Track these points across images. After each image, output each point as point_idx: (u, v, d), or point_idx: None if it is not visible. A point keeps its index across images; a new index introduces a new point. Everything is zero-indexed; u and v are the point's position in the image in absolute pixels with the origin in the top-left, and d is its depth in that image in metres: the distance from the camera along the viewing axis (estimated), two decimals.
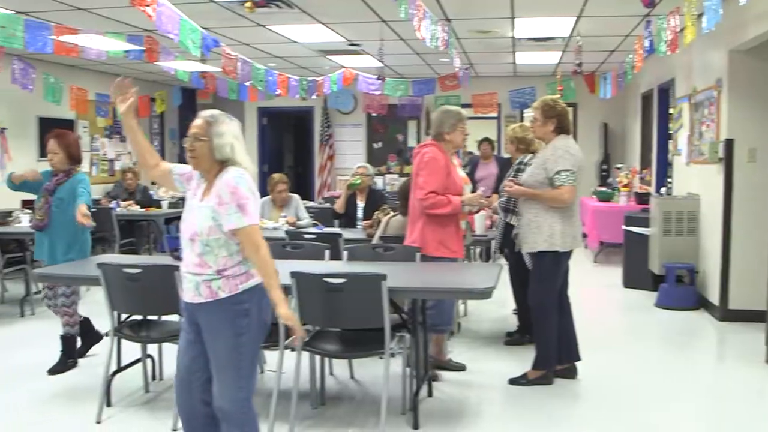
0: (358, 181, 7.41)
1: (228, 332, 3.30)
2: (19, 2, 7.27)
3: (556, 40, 9.74)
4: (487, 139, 10.72)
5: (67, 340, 5.62)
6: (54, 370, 5.48)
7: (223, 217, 3.25)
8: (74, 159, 5.66)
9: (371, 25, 8.58)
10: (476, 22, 8.61)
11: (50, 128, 11.45)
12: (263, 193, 8.76)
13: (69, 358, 5.60)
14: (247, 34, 9.30)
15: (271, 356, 5.30)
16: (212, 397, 3.39)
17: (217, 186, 3.30)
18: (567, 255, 5.20)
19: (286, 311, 3.33)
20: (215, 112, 3.42)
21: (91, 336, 5.88)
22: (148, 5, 5.64)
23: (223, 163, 3.35)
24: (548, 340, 5.19)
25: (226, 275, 3.30)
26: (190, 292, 3.36)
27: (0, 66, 8.23)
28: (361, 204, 7.58)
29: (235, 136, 3.38)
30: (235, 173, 3.31)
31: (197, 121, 3.38)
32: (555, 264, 5.16)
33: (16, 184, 5.67)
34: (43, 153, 11.53)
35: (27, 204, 8.27)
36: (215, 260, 3.29)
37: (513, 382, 5.23)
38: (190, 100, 14.65)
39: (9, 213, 8.51)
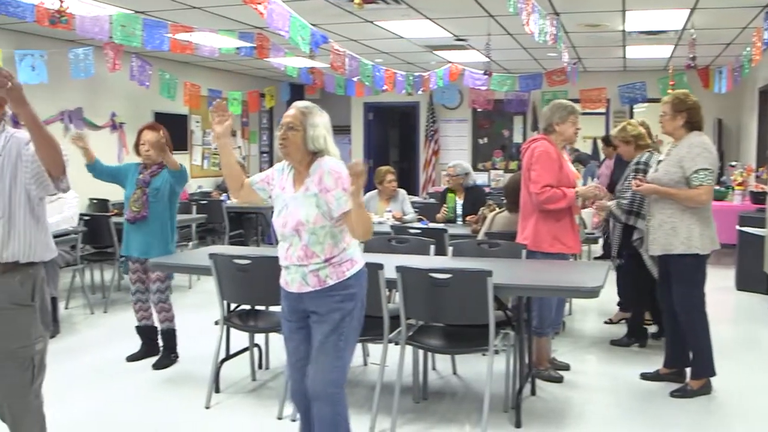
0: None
1: (334, 315, 3.35)
2: (137, 2, 7.54)
3: (668, 33, 9.45)
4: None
5: (166, 334, 5.65)
6: (159, 365, 5.55)
7: (332, 203, 3.29)
8: (169, 150, 5.60)
9: (478, 20, 8.53)
10: (586, 16, 8.44)
11: (166, 123, 11.98)
12: (370, 187, 8.85)
13: (171, 352, 5.66)
14: (354, 30, 9.38)
15: (374, 349, 5.35)
16: None
17: (317, 175, 3.33)
18: (706, 257, 4.92)
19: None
20: (309, 103, 3.45)
21: (153, 346, 5.77)
22: (259, 3, 5.77)
23: (314, 154, 3.38)
24: (705, 347, 4.95)
25: (333, 262, 3.35)
26: (296, 282, 3.40)
27: (119, 64, 8.56)
28: (459, 202, 7.56)
29: (327, 129, 3.42)
30: (335, 160, 3.36)
31: (291, 111, 3.40)
32: (696, 267, 4.89)
33: (92, 164, 5.55)
34: None
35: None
36: (322, 249, 3.33)
37: (675, 394, 4.94)
38: (298, 95, 14.89)
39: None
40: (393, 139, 17.35)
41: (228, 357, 5.13)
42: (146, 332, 5.76)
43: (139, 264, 5.60)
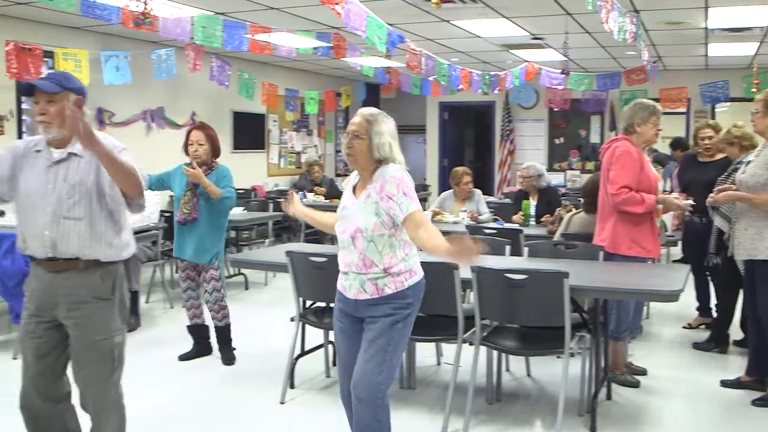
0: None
1: (387, 320, 3.35)
2: (218, 3, 7.68)
3: (753, 30, 9.17)
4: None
5: (224, 330, 5.65)
6: (227, 360, 5.61)
7: (394, 210, 3.26)
8: (216, 152, 5.61)
9: (556, 18, 8.43)
10: (666, 13, 8.26)
11: (244, 122, 12.29)
12: (445, 187, 8.82)
13: (229, 347, 5.69)
14: (431, 30, 9.38)
15: (447, 349, 5.34)
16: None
17: (378, 182, 3.32)
18: None
19: (450, 247, 3.11)
20: (374, 110, 3.44)
21: (205, 346, 5.80)
22: (337, 3, 5.81)
23: (380, 162, 3.37)
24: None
25: (392, 272, 3.34)
26: (353, 289, 3.40)
27: (200, 64, 8.73)
28: (533, 203, 7.48)
29: (393, 136, 3.40)
30: (398, 167, 3.35)
31: (357, 119, 3.39)
32: None
33: None
34: (237, 146, 12.22)
35: None
36: (380, 258, 3.32)
37: (756, 402, 4.78)
38: (373, 95, 14.98)
39: None
40: (468, 138, 17.27)
41: (303, 353, 5.20)
42: (198, 331, 5.77)
43: (188, 263, 5.59)
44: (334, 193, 10.78)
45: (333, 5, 5.80)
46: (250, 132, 12.59)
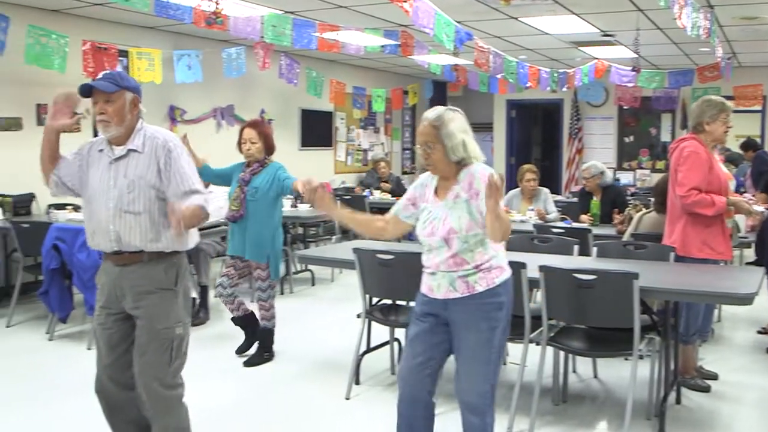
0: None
1: (483, 325, 3.28)
2: (287, 2, 7.76)
3: None
4: None
5: (264, 333, 5.61)
6: (250, 362, 5.53)
7: (483, 207, 3.17)
8: (270, 149, 5.51)
9: (627, 14, 8.29)
10: (742, 8, 8.05)
11: (312, 119, 12.40)
12: (511, 185, 8.78)
13: (265, 351, 5.61)
14: (499, 27, 9.32)
15: (513, 348, 5.31)
16: (435, 389, 3.42)
17: (466, 181, 3.27)
18: None
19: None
20: (439, 111, 3.33)
21: (255, 333, 5.70)
22: (405, 1, 5.82)
23: (459, 162, 3.31)
24: None
25: (483, 268, 3.29)
26: (443, 288, 3.33)
27: (269, 62, 8.85)
28: (597, 201, 7.37)
29: (464, 131, 3.31)
30: (483, 165, 3.30)
31: (424, 128, 3.31)
32: None
33: (199, 168, 5.03)
34: (304, 143, 12.35)
35: None
36: (472, 256, 3.28)
37: None
38: (440, 92, 14.96)
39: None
40: (535, 136, 17.12)
41: (368, 350, 5.23)
42: (243, 321, 5.68)
43: (238, 261, 5.52)
44: (400, 191, 10.79)
45: (401, 3, 5.82)
46: (317, 129, 12.70)
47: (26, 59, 7.08)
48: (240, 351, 5.73)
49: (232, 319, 5.72)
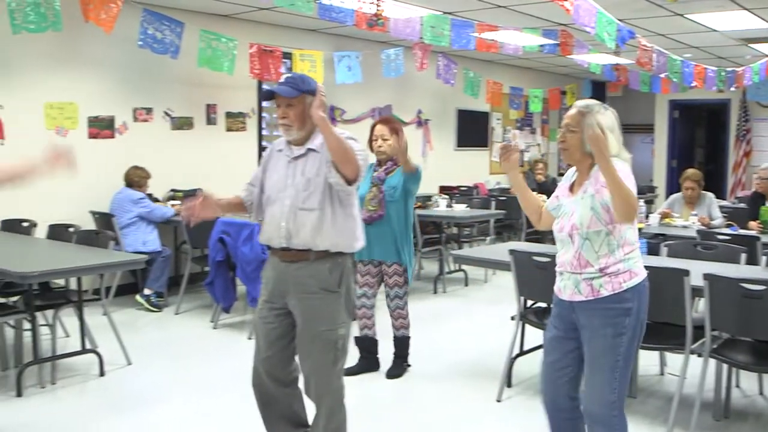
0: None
1: (607, 331, 3.18)
2: (446, 3, 7.81)
3: None
4: None
5: (400, 342, 5.37)
6: (391, 374, 5.30)
7: (608, 198, 3.08)
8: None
9: None
10: None
11: (468, 120, 12.42)
12: (672, 189, 8.46)
13: (404, 360, 5.40)
14: (662, 24, 9.01)
15: (672, 359, 5.13)
16: (578, 393, 3.35)
17: (595, 176, 3.18)
18: None
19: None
20: (590, 102, 3.29)
21: (372, 361, 5.41)
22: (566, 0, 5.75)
23: (593, 156, 3.18)
24: None
25: (609, 273, 3.17)
26: (568, 290, 3.28)
27: (426, 63, 8.93)
28: None
29: (610, 128, 3.20)
30: (617, 160, 3.13)
31: (571, 112, 3.28)
32: None
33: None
34: (460, 143, 12.39)
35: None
36: (596, 258, 3.18)
37: None
38: (599, 92, 14.64)
39: (429, 197, 9.26)
40: (699, 139, 16.42)
41: (521, 353, 5.18)
42: (365, 344, 5.40)
43: (372, 267, 5.25)
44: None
45: (562, 2, 5.75)
46: (473, 130, 12.70)
47: (198, 62, 7.47)
48: (349, 373, 4.94)
49: (357, 338, 5.35)
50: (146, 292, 7.23)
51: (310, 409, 3.54)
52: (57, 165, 3.68)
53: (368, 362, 5.39)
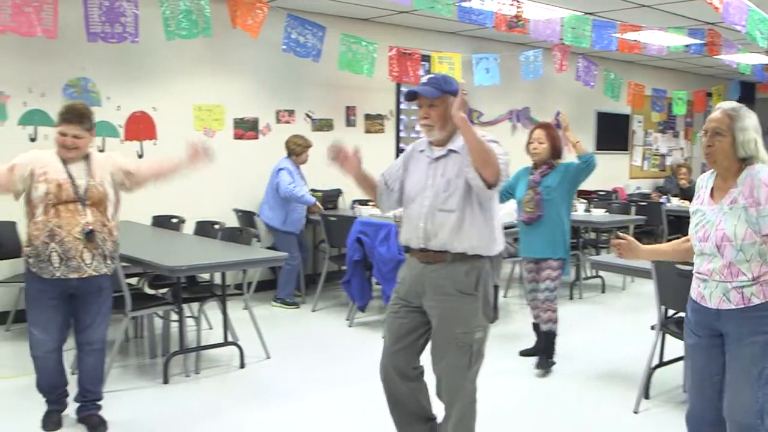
0: None
1: (756, 339, 3.06)
2: (588, 3, 7.66)
3: None
4: None
5: (548, 336, 5.49)
6: (540, 366, 5.44)
7: (762, 219, 3.00)
8: (557, 152, 5.48)
9: None
10: None
11: (608, 122, 12.15)
12: None
13: (549, 357, 5.49)
14: None
15: None
16: (722, 405, 3.20)
17: (746, 186, 3.04)
18: None
19: None
20: (735, 104, 3.15)
21: (549, 349, 5.55)
22: None
23: (743, 161, 3.09)
24: None
25: (762, 281, 3.06)
26: (715, 298, 3.15)
27: (566, 64, 8.80)
28: None
29: (757, 131, 3.09)
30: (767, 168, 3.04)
31: (716, 115, 3.13)
32: None
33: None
34: (600, 146, 12.14)
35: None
36: (749, 267, 3.06)
37: None
38: (748, 93, 14.00)
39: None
40: None
41: (661, 364, 5.02)
42: (539, 331, 5.65)
43: (533, 264, 5.52)
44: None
45: (710, 0, 5.54)
46: (613, 132, 12.41)
47: (339, 65, 7.65)
48: (525, 354, 5.74)
49: (534, 324, 5.69)
50: (278, 298, 7.42)
51: (436, 401, 3.56)
52: (197, 160, 3.86)
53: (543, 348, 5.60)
